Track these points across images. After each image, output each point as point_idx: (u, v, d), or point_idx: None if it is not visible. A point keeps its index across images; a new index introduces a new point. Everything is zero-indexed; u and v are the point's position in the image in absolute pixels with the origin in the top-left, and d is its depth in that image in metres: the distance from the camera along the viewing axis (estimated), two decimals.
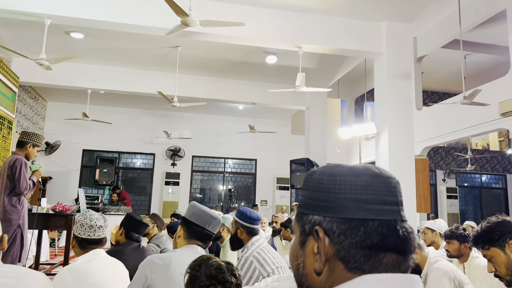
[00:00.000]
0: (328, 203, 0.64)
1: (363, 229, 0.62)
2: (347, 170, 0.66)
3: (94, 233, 2.15)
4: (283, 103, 9.52)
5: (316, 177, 0.68)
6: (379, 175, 0.65)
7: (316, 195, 0.66)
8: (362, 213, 0.62)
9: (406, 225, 0.64)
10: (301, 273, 0.66)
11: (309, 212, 0.66)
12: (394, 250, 0.63)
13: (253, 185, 12.66)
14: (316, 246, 0.64)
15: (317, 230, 0.64)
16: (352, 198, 0.63)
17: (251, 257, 2.39)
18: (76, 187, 10.92)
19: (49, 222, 4.45)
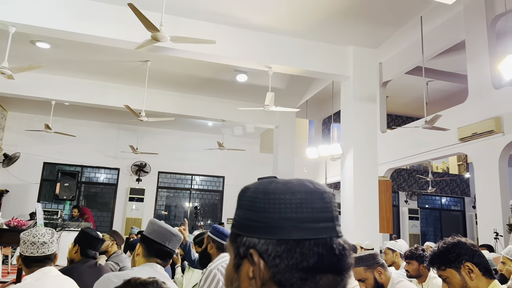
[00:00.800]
0: (263, 224, 0.61)
1: (299, 250, 0.59)
2: (281, 187, 0.63)
3: (37, 250, 2.03)
4: (253, 121, 9.58)
5: (250, 195, 0.65)
6: (314, 190, 0.63)
7: (250, 215, 0.63)
8: (298, 233, 0.59)
9: (341, 241, 0.62)
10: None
11: (243, 234, 0.63)
12: (331, 271, 0.60)
13: (220, 202, 12.55)
14: (251, 270, 0.60)
15: (252, 254, 0.60)
16: (287, 218, 0.60)
17: (215, 269, 2.38)
18: (35, 201, 10.44)
19: (2, 238, 4.23)
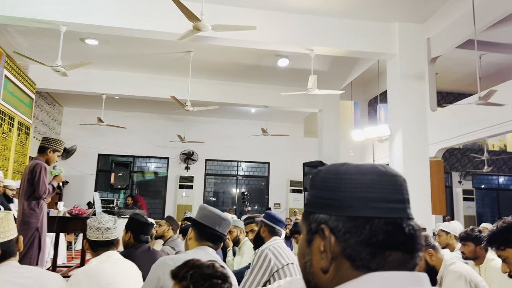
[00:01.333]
0: (334, 202, 0.64)
1: (368, 227, 0.62)
2: (352, 168, 0.66)
3: (102, 235, 2.17)
4: (296, 105, 9.51)
5: (322, 175, 0.68)
6: (385, 173, 0.66)
7: (322, 193, 0.66)
8: (368, 211, 0.62)
9: (412, 223, 0.64)
10: (308, 271, 0.67)
11: (315, 211, 0.67)
12: (400, 248, 0.62)
13: (266, 188, 12.66)
14: (322, 244, 0.64)
15: (323, 229, 0.64)
16: (357, 197, 0.63)
17: (267, 249, 2.52)
18: (92, 191, 11.08)
19: (66, 226, 4.53)
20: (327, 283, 0.64)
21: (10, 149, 6.73)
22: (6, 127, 6.52)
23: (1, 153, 6.37)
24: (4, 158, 6.50)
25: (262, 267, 2.48)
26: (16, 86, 6.87)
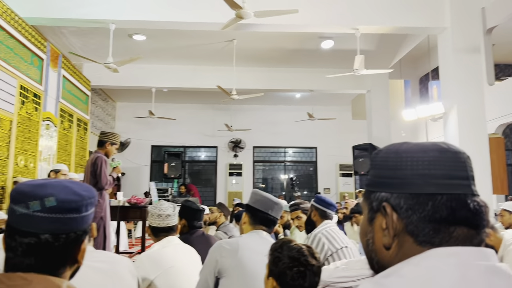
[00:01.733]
0: (395, 180, 0.65)
1: (431, 203, 0.62)
2: (413, 146, 0.67)
3: (163, 222, 2.28)
4: (342, 88, 9.32)
5: (382, 155, 0.69)
6: (448, 150, 0.65)
7: (383, 172, 0.67)
8: (430, 188, 0.62)
9: (477, 199, 0.63)
10: (371, 248, 0.68)
11: (376, 190, 0.68)
12: (465, 224, 0.62)
13: (315, 173, 12.59)
14: (384, 222, 0.65)
15: (385, 206, 0.65)
16: (419, 174, 0.63)
17: (320, 234, 2.51)
18: (147, 181, 11.58)
19: (126, 214, 4.80)
20: (390, 259, 0.65)
21: (71, 144, 7.18)
22: (66, 123, 6.95)
23: (64, 148, 6.81)
24: (67, 153, 6.94)
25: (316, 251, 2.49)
26: (73, 84, 7.28)
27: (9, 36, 5.02)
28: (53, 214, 0.77)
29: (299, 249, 1.39)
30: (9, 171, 5.00)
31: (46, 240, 0.77)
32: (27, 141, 5.46)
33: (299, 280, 1.34)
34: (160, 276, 2.07)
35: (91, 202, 0.84)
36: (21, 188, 0.79)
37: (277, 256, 1.39)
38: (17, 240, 0.77)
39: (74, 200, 0.80)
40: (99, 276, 1.64)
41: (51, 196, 0.77)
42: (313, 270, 1.36)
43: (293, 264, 1.35)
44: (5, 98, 4.91)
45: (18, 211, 0.77)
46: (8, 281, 0.74)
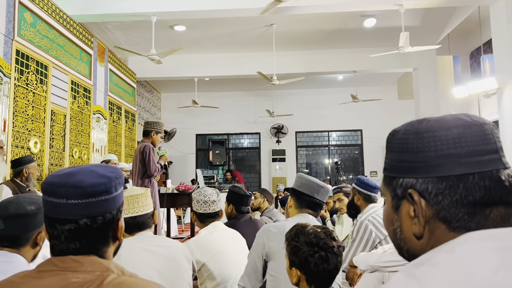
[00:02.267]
0: (418, 164, 0.60)
1: (462, 185, 0.57)
2: (434, 124, 0.61)
3: (209, 208, 2.33)
4: (387, 67, 9.01)
5: (400, 137, 0.64)
6: (472, 123, 0.59)
7: (404, 156, 0.62)
8: (459, 169, 0.57)
9: (510, 172, 0.58)
10: (399, 237, 0.64)
11: (398, 176, 0.63)
12: (502, 203, 0.57)
13: (360, 156, 12.34)
14: (412, 209, 0.61)
15: (411, 193, 0.60)
16: (445, 154, 0.58)
17: (366, 221, 2.43)
18: (193, 169, 11.88)
19: (175, 201, 4.96)
20: (421, 247, 0.61)
21: (121, 135, 7.48)
22: (115, 115, 7.24)
23: (114, 139, 7.12)
24: (117, 143, 7.25)
25: (363, 240, 2.41)
26: (120, 77, 7.55)
27: (59, 35, 5.27)
28: (86, 199, 0.81)
29: (315, 233, 1.36)
30: (65, 163, 5.31)
31: (85, 224, 0.81)
32: (80, 134, 5.76)
33: (323, 265, 1.32)
34: (209, 261, 2.13)
35: (120, 182, 0.88)
36: (51, 180, 0.83)
37: (295, 245, 1.36)
38: (58, 228, 0.81)
39: (103, 182, 0.83)
40: (158, 259, 1.72)
41: (78, 182, 0.81)
42: (334, 252, 1.34)
43: (313, 250, 1.32)
44: (58, 94, 5.19)
45: (53, 201, 0.81)
46: (61, 264, 0.79)
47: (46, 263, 0.81)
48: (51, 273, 0.78)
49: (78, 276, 0.77)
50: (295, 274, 1.35)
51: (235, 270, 2.13)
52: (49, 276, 0.77)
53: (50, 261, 0.81)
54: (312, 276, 1.33)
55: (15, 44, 4.30)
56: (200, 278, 2.19)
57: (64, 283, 0.75)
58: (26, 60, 4.50)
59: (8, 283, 0.78)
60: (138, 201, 1.77)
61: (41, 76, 4.78)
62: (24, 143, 4.42)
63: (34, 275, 0.79)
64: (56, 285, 0.75)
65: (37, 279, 0.77)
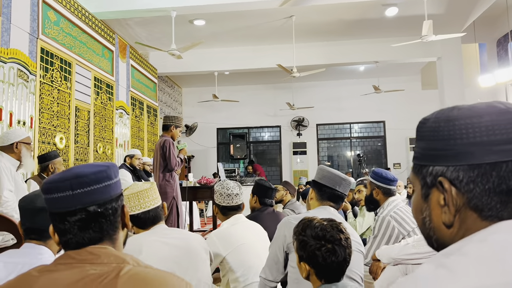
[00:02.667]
0: (449, 151, 0.59)
1: (495, 173, 0.56)
2: (466, 111, 0.60)
3: (232, 201, 2.35)
4: (410, 56, 8.81)
5: (431, 125, 0.63)
6: (506, 111, 0.58)
7: (434, 144, 0.61)
8: (491, 157, 0.56)
9: None
10: (428, 226, 0.64)
11: (428, 164, 0.62)
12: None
13: (383, 148, 12.16)
14: (442, 197, 0.60)
15: (441, 181, 0.60)
16: (477, 142, 0.57)
17: (388, 216, 2.38)
18: (214, 162, 11.97)
19: (197, 194, 5.02)
20: (451, 237, 0.60)
21: (143, 130, 7.60)
22: (137, 111, 7.35)
23: (137, 134, 7.23)
24: (140, 138, 7.37)
25: (386, 236, 2.35)
26: (141, 73, 7.65)
27: (82, 32, 5.37)
28: (91, 186, 0.84)
29: (322, 226, 1.34)
30: (90, 158, 5.43)
31: (95, 210, 0.84)
32: (103, 129, 5.88)
33: (330, 257, 1.30)
34: (231, 253, 2.15)
35: (116, 170, 0.92)
36: (51, 179, 0.86)
37: (302, 239, 1.35)
38: (69, 220, 0.83)
39: (102, 169, 0.87)
40: (175, 251, 1.74)
41: (79, 173, 0.84)
42: (342, 244, 1.32)
43: (320, 243, 1.31)
44: (82, 90, 5.30)
45: (58, 197, 0.83)
46: (78, 256, 0.82)
47: (63, 257, 0.83)
48: (68, 266, 0.80)
49: (95, 268, 0.79)
50: (304, 268, 1.35)
51: (257, 262, 2.14)
52: (66, 269, 0.79)
53: (67, 254, 0.83)
54: (321, 270, 1.32)
55: (40, 42, 4.41)
56: (222, 270, 2.21)
57: (82, 275, 0.77)
58: (51, 57, 4.61)
59: (27, 277, 0.80)
60: (148, 195, 1.79)
61: (65, 73, 4.89)
62: (50, 139, 4.54)
63: (51, 268, 0.81)
64: (74, 277, 0.77)
65: (55, 272, 0.79)
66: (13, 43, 3.99)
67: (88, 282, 0.76)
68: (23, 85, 4.11)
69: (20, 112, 4.06)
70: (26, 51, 4.18)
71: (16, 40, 4.03)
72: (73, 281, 0.76)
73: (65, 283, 0.77)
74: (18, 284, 0.79)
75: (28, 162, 3.06)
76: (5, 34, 3.88)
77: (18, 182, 2.89)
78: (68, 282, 0.77)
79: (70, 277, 0.77)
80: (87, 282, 0.76)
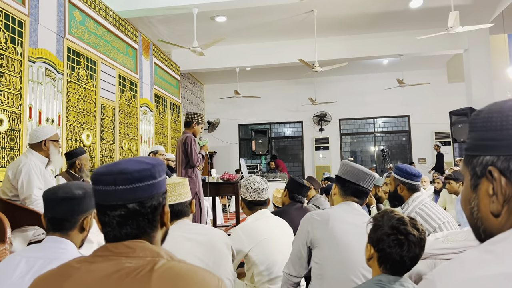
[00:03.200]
0: (501, 142, 0.60)
1: None
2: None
3: (258, 196, 2.36)
4: (435, 49, 8.60)
5: (484, 116, 0.64)
6: None
7: (486, 135, 0.62)
8: None
9: None
10: (476, 216, 0.64)
11: (479, 154, 0.63)
12: None
13: (408, 143, 11.93)
14: (491, 187, 0.61)
15: (491, 171, 0.61)
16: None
17: (413, 213, 2.33)
18: (236, 158, 12.02)
19: (220, 190, 5.05)
20: (498, 226, 0.61)
21: (167, 126, 7.70)
22: (161, 108, 7.45)
23: (160, 131, 7.34)
24: (163, 135, 7.47)
25: None
26: (164, 71, 7.74)
27: (106, 31, 5.47)
28: (134, 184, 0.85)
29: (400, 218, 1.36)
30: (115, 154, 5.54)
31: (134, 208, 0.86)
32: (128, 126, 5.99)
33: (396, 247, 1.31)
34: (255, 247, 2.16)
35: (162, 169, 0.92)
36: (98, 170, 0.88)
37: (377, 224, 1.38)
38: (109, 214, 0.86)
39: (147, 168, 0.87)
40: (198, 247, 1.76)
41: (124, 169, 0.85)
42: (413, 240, 1.31)
43: (391, 231, 1.33)
44: (107, 88, 5.41)
45: (102, 189, 0.86)
46: (114, 249, 0.84)
47: (101, 249, 0.86)
48: (105, 258, 0.83)
49: (131, 261, 0.81)
50: (369, 250, 1.38)
51: (280, 257, 2.14)
52: (104, 261, 0.82)
53: (105, 247, 0.86)
54: (383, 256, 1.33)
55: (66, 42, 4.52)
56: (246, 263, 2.23)
57: (118, 267, 0.80)
58: (77, 56, 4.72)
59: (67, 267, 0.84)
60: (175, 189, 1.81)
61: (91, 72, 5.00)
62: (77, 136, 4.66)
63: (90, 259, 0.84)
64: (110, 269, 0.80)
65: (93, 263, 0.83)
66: (41, 43, 4.11)
67: (123, 274, 0.79)
68: (51, 84, 4.23)
69: (48, 110, 4.18)
70: (53, 51, 4.29)
71: (43, 40, 4.15)
72: (109, 273, 0.79)
73: (101, 274, 0.80)
74: (59, 273, 0.83)
75: (57, 159, 3.14)
76: (33, 34, 3.99)
77: (47, 179, 2.98)
78: (104, 274, 0.79)
79: (106, 269, 0.80)
80: (123, 275, 0.79)
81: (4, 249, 2.45)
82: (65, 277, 0.81)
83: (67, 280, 0.80)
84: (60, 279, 0.81)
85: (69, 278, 0.80)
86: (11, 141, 3.63)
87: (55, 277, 0.83)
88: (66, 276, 0.81)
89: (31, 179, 2.81)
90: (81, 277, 0.80)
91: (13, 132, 3.66)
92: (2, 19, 3.58)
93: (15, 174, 2.83)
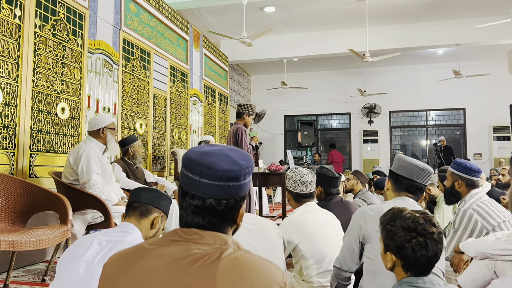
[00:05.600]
0: None
1: None
2: None
3: (306, 188, 2.33)
4: (496, 38, 8.08)
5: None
6: None
7: None
8: None
9: None
10: None
11: None
12: None
13: (463, 137, 11.36)
14: None
15: None
16: None
17: (470, 209, 2.22)
18: (282, 149, 12.02)
19: (266, 180, 5.07)
20: None
21: (215, 117, 7.82)
22: (210, 98, 7.58)
23: (209, 121, 7.47)
24: (211, 125, 7.60)
25: (467, 230, 2.20)
26: (213, 61, 7.85)
27: (159, 22, 5.62)
28: (216, 181, 0.86)
29: (413, 218, 1.27)
30: (167, 143, 5.72)
31: (210, 204, 0.87)
32: (179, 116, 6.15)
33: (421, 251, 1.23)
34: (304, 241, 2.15)
35: (249, 171, 0.91)
36: (190, 155, 0.89)
37: (390, 229, 1.29)
38: (187, 201, 0.88)
39: (234, 169, 0.87)
40: (251, 236, 1.77)
41: (212, 164, 0.86)
42: (434, 238, 1.24)
43: (410, 235, 1.25)
44: (159, 79, 5.57)
45: (189, 176, 0.88)
46: (184, 235, 0.87)
47: (172, 233, 0.89)
48: (176, 243, 0.86)
49: (199, 247, 0.84)
50: (390, 259, 1.30)
51: (330, 251, 2.12)
52: (174, 245, 0.85)
53: (175, 231, 0.89)
54: (408, 262, 1.27)
55: (122, 34, 4.69)
56: (295, 256, 2.22)
57: (187, 253, 0.83)
58: (132, 48, 4.89)
59: (140, 248, 0.88)
60: None
61: (144, 63, 5.17)
62: (131, 125, 4.85)
63: (161, 243, 0.87)
64: (180, 253, 0.83)
65: (163, 246, 0.86)
66: (100, 35, 4.30)
67: (192, 261, 0.81)
68: (108, 74, 4.42)
69: (105, 99, 4.38)
70: (110, 42, 4.48)
71: (102, 32, 4.33)
72: (179, 258, 0.82)
73: (172, 258, 0.82)
74: (132, 253, 0.87)
75: (113, 146, 3.28)
76: (92, 26, 4.18)
77: (104, 165, 3.13)
78: (174, 258, 0.82)
79: (176, 253, 0.83)
80: (191, 261, 0.81)
81: (66, 230, 2.61)
82: (137, 258, 0.84)
83: (138, 261, 0.83)
84: (132, 260, 0.84)
85: (140, 259, 0.84)
86: (71, 128, 3.84)
87: (128, 258, 0.86)
88: (138, 258, 0.84)
89: (90, 165, 2.96)
90: (151, 260, 0.83)
91: (73, 120, 3.87)
92: (64, 12, 3.78)
93: (75, 160, 2.99)
